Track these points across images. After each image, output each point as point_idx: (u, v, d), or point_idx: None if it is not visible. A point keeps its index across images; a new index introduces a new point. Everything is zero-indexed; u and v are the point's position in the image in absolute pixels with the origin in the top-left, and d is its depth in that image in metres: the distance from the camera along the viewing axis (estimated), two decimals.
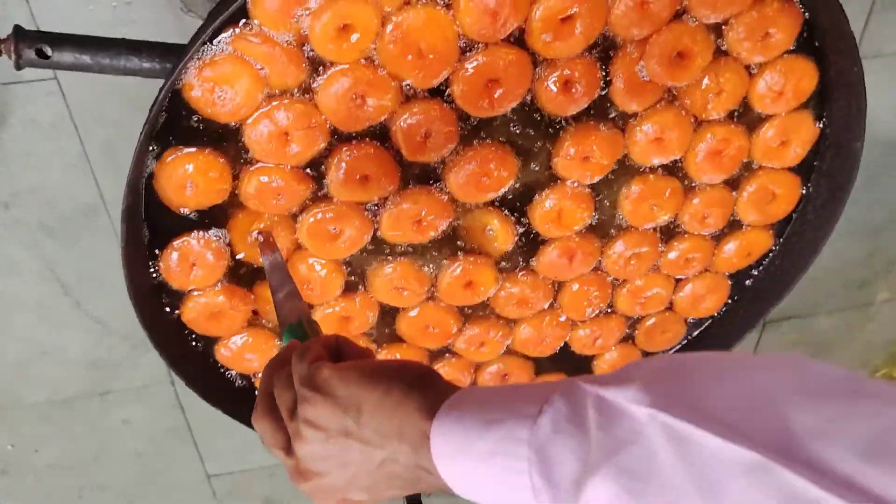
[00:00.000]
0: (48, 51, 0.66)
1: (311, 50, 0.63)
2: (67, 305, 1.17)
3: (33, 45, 0.66)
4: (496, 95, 0.67)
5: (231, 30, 0.62)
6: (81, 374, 1.26)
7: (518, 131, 0.71)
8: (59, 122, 0.98)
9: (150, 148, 0.66)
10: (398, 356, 0.84)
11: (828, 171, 0.83)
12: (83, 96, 0.96)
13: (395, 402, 0.50)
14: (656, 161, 0.76)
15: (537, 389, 0.48)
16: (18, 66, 0.66)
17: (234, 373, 0.81)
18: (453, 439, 0.48)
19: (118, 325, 1.21)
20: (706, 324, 0.94)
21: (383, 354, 0.84)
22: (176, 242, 0.70)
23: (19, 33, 0.66)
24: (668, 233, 0.84)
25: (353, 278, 0.78)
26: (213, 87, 0.63)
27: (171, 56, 0.67)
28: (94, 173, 1.04)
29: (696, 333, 0.95)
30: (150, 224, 0.70)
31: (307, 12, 0.61)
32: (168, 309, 0.75)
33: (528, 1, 0.63)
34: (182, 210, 0.69)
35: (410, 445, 0.49)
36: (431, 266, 0.78)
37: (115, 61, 0.67)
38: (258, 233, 0.71)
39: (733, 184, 0.81)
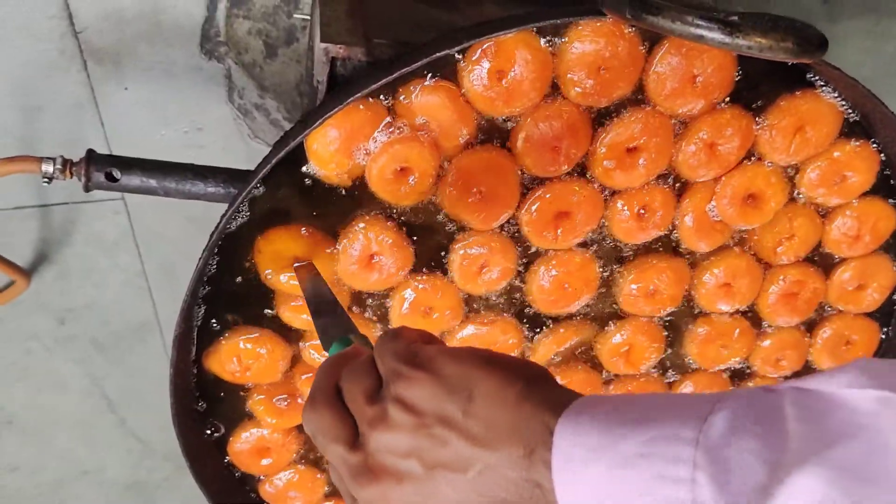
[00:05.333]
0: (117, 174, 0.67)
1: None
2: (111, 423, 1.15)
3: (103, 168, 0.67)
4: (560, 231, 0.65)
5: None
6: (119, 495, 1.23)
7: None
8: (121, 240, 1.00)
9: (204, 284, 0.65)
10: None
11: None
12: (147, 215, 0.98)
13: (515, 394, 0.39)
14: (723, 307, 0.73)
15: (700, 396, 0.38)
16: (87, 189, 0.68)
17: None
18: (586, 439, 0.37)
19: (160, 446, 1.19)
20: None
21: None
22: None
23: (91, 157, 0.67)
24: (741, 375, 0.79)
25: None
26: None
27: (235, 181, 0.68)
28: (151, 291, 1.05)
29: None
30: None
31: (365, 154, 0.61)
32: (211, 436, 0.72)
33: (587, 131, 0.62)
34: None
35: (525, 448, 0.38)
36: None
37: (180, 186, 0.68)
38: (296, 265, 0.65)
39: (807, 326, 0.77)
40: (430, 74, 0.58)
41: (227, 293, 0.65)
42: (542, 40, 0.57)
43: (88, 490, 1.21)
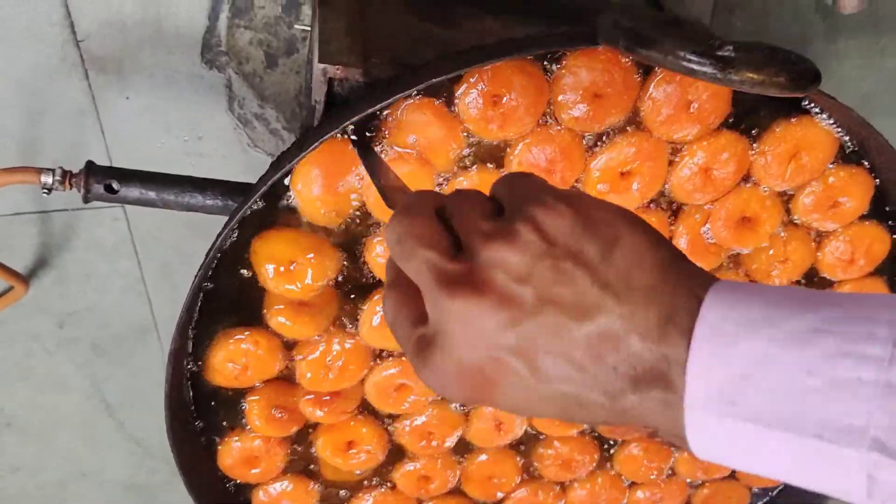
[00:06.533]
0: (116, 186, 0.68)
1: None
2: (111, 426, 1.16)
3: (102, 180, 0.68)
4: None
5: None
6: (119, 497, 1.24)
7: None
8: (120, 245, 1.00)
9: (203, 290, 0.66)
10: None
11: None
12: (145, 221, 0.99)
13: (661, 258, 0.33)
14: None
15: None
16: (86, 200, 0.68)
17: None
18: (743, 312, 0.30)
19: (159, 448, 1.19)
20: (771, 493, 0.88)
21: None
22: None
23: (91, 169, 0.68)
24: None
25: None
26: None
27: (233, 195, 0.68)
28: (149, 296, 1.05)
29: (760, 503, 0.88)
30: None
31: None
32: (205, 446, 0.73)
33: (581, 154, 0.62)
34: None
35: (662, 313, 0.32)
36: None
37: (179, 198, 0.69)
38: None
39: None
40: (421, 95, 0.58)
41: (222, 300, 0.66)
42: (539, 65, 0.58)
43: (89, 491, 1.22)
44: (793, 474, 0.31)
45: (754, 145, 0.64)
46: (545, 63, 0.58)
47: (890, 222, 0.72)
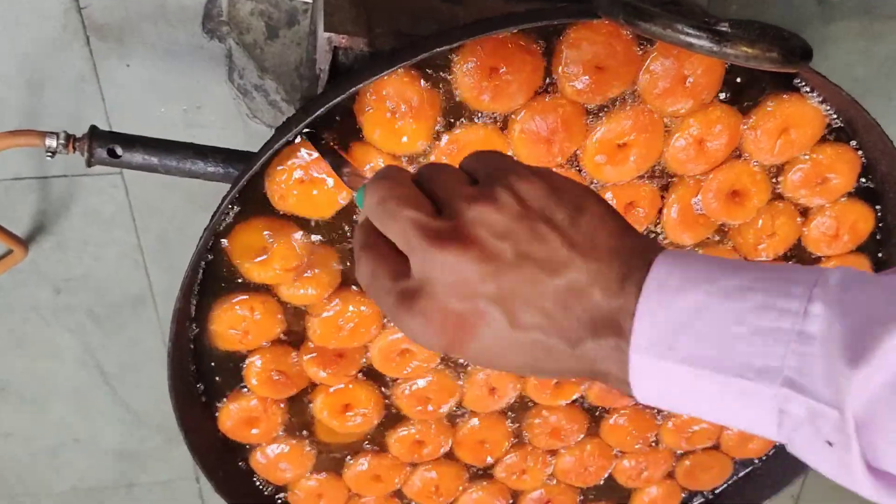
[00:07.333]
0: (119, 151, 0.69)
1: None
2: (105, 394, 1.17)
3: (106, 145, 0.69)
4: None
5: None
6: (110, 464, 1.25)
7: None
8: (118, 214, 1.01)
9: (208, 253, 0.67)
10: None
11: None
12: (145, 190, 1.00)
13: (621, 226, 0.38)
14: None
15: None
16: (90, 164, 0.69)
17: (262, 480, 0.80)
18: (685, 271, 0.35)
19: (152, 417, 1.21)
20: (753, 465, 0.91)
21: None
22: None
23: (94, 133, 0.69)
24: None
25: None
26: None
27: (235, 162, 0.69)
28: (146, 265, 1.06)
29: (742, 474, 0.91)
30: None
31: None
32: (205, 406, 0.74)
33: (582, 126, 0.64)
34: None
35: (621, 270, 0.36)
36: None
37: (181, 164, 0.70)
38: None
39: None
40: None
41: (221, 266, 0.67)
42: (538, 40, 0.59)
43: (81, 458, 1.23)
44: (716, 411, 0.36)
45: (746, 120, 0.66)
46: (541, 41, 0.59)
47: (875, 202, 0.74)
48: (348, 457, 0.80)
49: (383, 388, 0.76)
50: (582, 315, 0.37)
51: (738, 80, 0.64)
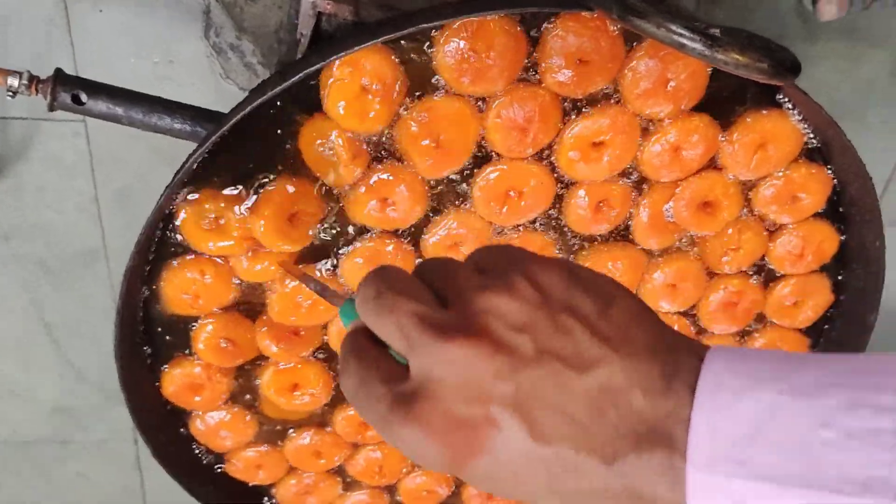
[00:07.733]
0: (83, 98, 0.66)
1: None
2: (47, 346, 1.14)
3: (70, 90, 0.66)
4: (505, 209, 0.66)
5: None
6: (46, 418, 1.22)
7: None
8: (78, 164, 0.98)
9: (168, 211, 0.65)
10: None
11: (837, 338, 0.81)
12: (108, 141, 0.96)
13: (656, 320, 0.33)
14: (665, 306, 0.75)
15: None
16: (52, 108, 0.66)
17: (202, 449, 0.78)
18: (744, 366, 0.29)
19: (93, 374, 1.18)
20: None
21: None
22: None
23: (59, 77, 0.66)
24: None
25: None
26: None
27: (203, 121, 0.67)
28: (102, 220, 1.03)
29: None
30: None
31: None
32: (150, 367, 0.72)
33: (557, 119, 0.62)
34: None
35: (664, 369, 0.30)
36: None
37: (146, 118, 0.68)
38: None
39: (742, 335, 0.80)
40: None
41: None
42: (525, 27, 0.58)
43: (15, 410, 1.20)
44: None
45: (724, 132, 0.65)
46: (528, 28, 0.58)
47: (841, 225, 0.74)
48: (291, 430, 0.79)
49: (333, 369, 0.75)
50: (620, 423, 0.30)
51: (720, 90, 0.64)
